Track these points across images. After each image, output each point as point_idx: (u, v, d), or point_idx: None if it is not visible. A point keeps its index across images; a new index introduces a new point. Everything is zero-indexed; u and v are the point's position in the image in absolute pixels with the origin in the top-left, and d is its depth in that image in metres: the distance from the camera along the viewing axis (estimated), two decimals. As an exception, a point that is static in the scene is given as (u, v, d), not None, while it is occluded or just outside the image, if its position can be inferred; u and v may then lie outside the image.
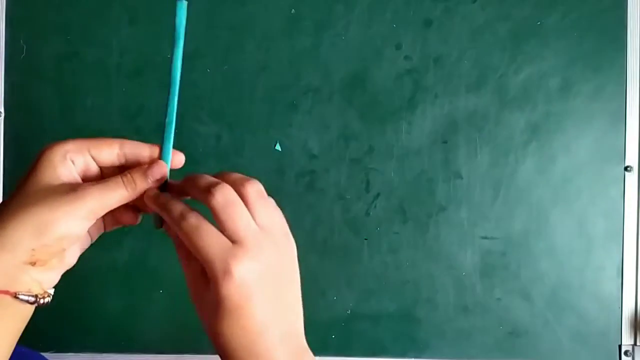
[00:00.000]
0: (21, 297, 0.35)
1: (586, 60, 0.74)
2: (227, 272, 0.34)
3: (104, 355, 0.75)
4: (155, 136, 0.75)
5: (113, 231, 0.78)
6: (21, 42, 0.75)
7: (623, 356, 0.74)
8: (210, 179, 0.38)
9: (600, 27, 0.74)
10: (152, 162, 0.39)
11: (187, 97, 0.75)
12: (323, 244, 0.74)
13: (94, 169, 0.39)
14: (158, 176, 0.39)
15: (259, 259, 0.35)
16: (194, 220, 0.36)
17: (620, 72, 0.74)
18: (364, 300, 0.75)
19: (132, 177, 0.38)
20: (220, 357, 0.37)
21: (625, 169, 0.74)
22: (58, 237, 0.35)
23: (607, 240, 0.74)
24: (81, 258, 0.38)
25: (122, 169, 0.39)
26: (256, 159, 0.74)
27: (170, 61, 0.40)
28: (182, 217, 0.36)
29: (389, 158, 0.75)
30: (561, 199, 0.74)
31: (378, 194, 0.75)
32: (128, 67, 0.75)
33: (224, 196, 0.36)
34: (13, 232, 0.34)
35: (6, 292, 0.34)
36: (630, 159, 0.74)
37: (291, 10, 0.75)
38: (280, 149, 0.75)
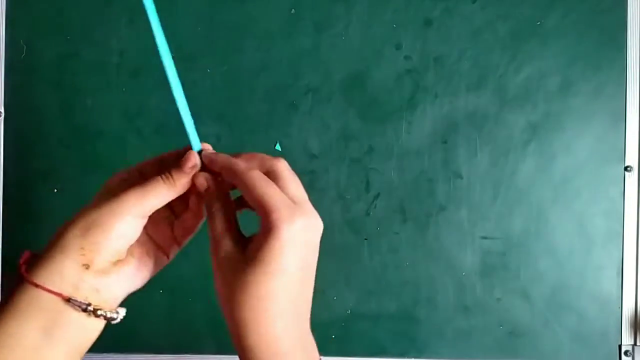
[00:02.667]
0: (73, 301, 0.34)
1: (586, 60, 0.74)
2: (291, 220, 0.34)
3: (104, 355, 0.75)
4: (155, 136, 0.76)
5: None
6: (21, 42, 0.75)
7: (623, 356, 0.74)
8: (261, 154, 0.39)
9: (600, 27, 0.74)
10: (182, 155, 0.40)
11: (187, 97, 0.75)
12: (323, 243, 0.74)
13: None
14: (190, 163, 0.39)
15: (318, 226, 0.37)
16: (259, 173, 0.36)
17: (620, 72, 0.74)
18: (363, 300, 0.75)
19: (167, 172, 0.38)
20: (231, 328, 0.37)
21: (625, 169, 0.74)
22: (104, 233, 0.35)
23: (607, 240, 0.74)
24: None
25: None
26: (256, 159, 0.74)
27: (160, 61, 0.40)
28: (249, 169, 0.37)
29: (388, 158, 0.75)
30: (561, 199, 0.74)
31: (378, 194, 0.75)
32: (128, 67, 0.75)
33: (287, 164, 0.38)
34: (65, 233, 0.35)
35: (59, 295, 0.34)
36: (630, 159, 0.74)
37: (291, 10, 0.75)
38: (280, 149, 0.75)
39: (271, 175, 0.37)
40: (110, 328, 0.80)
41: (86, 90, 0.75)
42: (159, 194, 0.37)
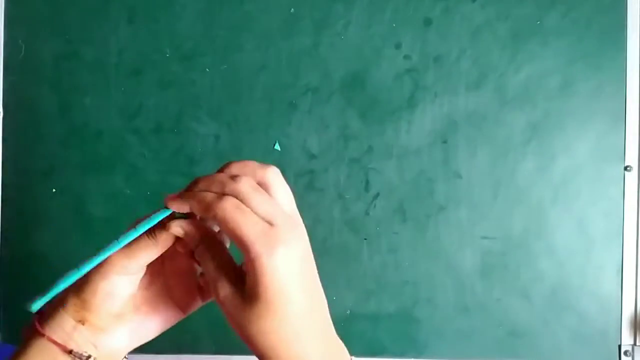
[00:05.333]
0: (75, 353, 0.36)
1: (586, 59, 0.74)
2: (271, 253, 0.33)
3: (103, 355, 0.74)
4: (153, 135, 0.75)
5: (112, 231, 0.78)
6: (20, 41, 0.75)
7: (623, 356, 0.74)
8: (224, 175, 0.36)
9: (600, 27, 0.74)
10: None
11: (186, 96, 0.75)
12: (322, 243, 0.74)
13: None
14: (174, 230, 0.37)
15: (297, 243, 0.35)
16: (232, 201, 0.34)
17: (620, 72, 0.74)
18: (363, 301, 0.75)
19: (153, 231, 0.37)
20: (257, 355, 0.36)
21: (625, 168, 0.74)
22: (92, 292, 0.36)
23: (607, 240, 0.74)
24: (80, 258, 0.38)
25: None
26: (255, 158, 0.74)
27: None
28: (218, 199, 0.34)
29: (388, 158, 0.75)
30: (561, 198, 0.74)
31: (377, 194, 0.75)
32: (127, 67, 0.75)
33: (250, 182, 0.35)
34: (64, 292, 0.37)
35: (63, 347, 0.36)
36: (630, 159, 0.74)
37: (290, 9, 0.75)
38: (279, 149, 0.74)
39: (262, 186, 0.36)
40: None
41: (85, 90, 0.75)
42: (142, 251, 0.36)
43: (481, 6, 0.74)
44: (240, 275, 0.35)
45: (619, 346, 0.74)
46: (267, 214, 0.34)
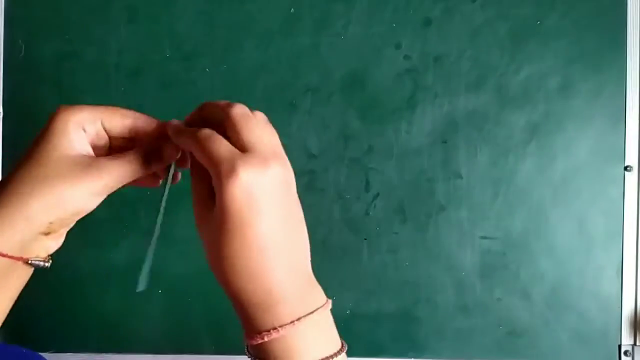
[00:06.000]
0: (33, 262, 0.37)
1: (586, 60, 0.74)
2: (233, 172, 0.33)
3: (103, 355, 0.74)
4: (154, 136, 0.75)
5: (112, 232, 0.78)
6: (20, 41, 0.75)
7: (623, 356, 0.74)
8: (224, 102, 0.39)
9: (600, 27, 0.74)
10: (164, 144, 0.39)
11: (186, 96, 0.75)
12: (322, 243, 0.74)
13: (103, 138, 0.39)
14: (172, 159, 0.39)
15: (268, 171, 0.34)
16: (208, 131, 0.36)
17: (620, 72, 0.74)
18: (363, 301, 0.75)
19: (148, 157, 0.38)
20: (225, 290, 0.36)
21: (625, 169, 0.74)
22: (75, 211, 0.36)
23: (607, 240, 0.74)
24: (81, 259, 0.38)
25: (130, 141, 0.40)
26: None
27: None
28: (197, 130, 0.36)
29: (388, 158, 0.75)
30: (561, 198, 0.74)
31: (377, 194, 0.75)
32: (127, 67, 0.75)
33: (243, 109, 0.37)
34: (33, 203, 0.35)
35: (20, 259, 0.36)
36: (630, 159, 0.74)
37: (290, 9, 0.75)
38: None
39: (226, 123, 0.37)
40: (109, 328, 0.79)
41: (85, 89, 0.75)
42: (133, 175, 0.38)
43: (481, 6, 0.74)
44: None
45: (619, 346, 0.74)
46: (247, 139, 0.35)
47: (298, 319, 0.35)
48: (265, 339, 0.35)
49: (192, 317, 0.75)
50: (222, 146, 0.35)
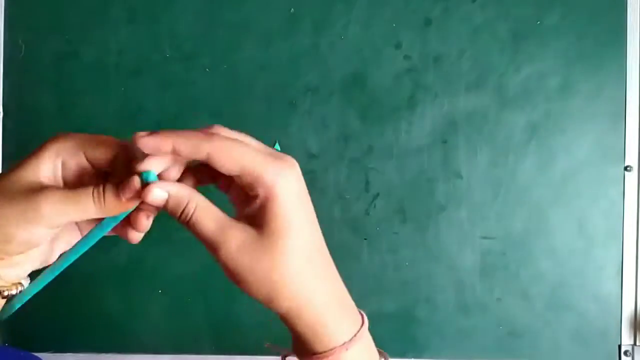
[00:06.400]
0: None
1: (586, 60, 0.74)
2: (280, 166, 0.32)
3: (103, 355, 0.74)
4: (154, 136, 0.75)
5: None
6: (20, 41, 0.75)
7: (623, 356, 0.74)
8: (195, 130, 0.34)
9: (600, 27, 0.74)
10: (128, 179, 0.33)
11: (186, 96, 0.75)
12: (322, 244, 0.74)
13: (86, 170, 0.35)
14: (129, 194, 0.33)
15: (298, 170, 0.33)
16: (223, 134, 0.33)
17: (620, 72, 0.74)
18: (363, 301, 0.74)
19: (103, 190, 0.33)
20: (277, 312, 0.34)
21: (625, 169, 0.74)
22: (18, 243, 0.33)
23: (607, 240, 0.74)
24: (80, 259, 0.38)
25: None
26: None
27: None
28: (207, 136, 0.32)
29: (388, 158, 0.75)
30: (561, 198, 0.74)
31: (377, 194, 0.75)
32: (127, 67, 0.75)
33: (226, 130, 0.34)
34: None
35: None
36: (630, 159, 0.74)
37: (290, 9, 0.75)
38: (279, 149, 0.74)
39: (210, 150, 0.33)
40: (109, 328, 0.79)
41: (85, 90, 0.75)
42: (82, 212, 0.33)
43: (481, 6, 0.74)
44: (244, 219, 0.33)
45: (619, 346, 0.74)
46: (260, 146, 0.33)
47: (350, 340, 0.36)
48: (329, 357, 0.35)
49: (192, 317, 0.75)
50: (254, 148, 0.32)
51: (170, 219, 0.34)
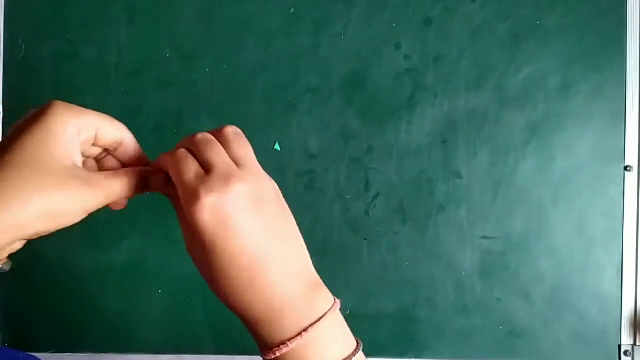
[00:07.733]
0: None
1: (586, 60, 0.74)
2: (196, 197, 0.34)
3: (103, 355, 0.74)
4: (154, 135, 0.75)
5: (112, 232, 0.78)
6: (20, 41, 0.75)
7: (623, 356, 0.74)
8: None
9: (600, 27, 0.74)
10: (152, 171, 0.40)
11: (186, 96, 0.75)
12: (322, 243, 0.74)
13: (92, 148, 0.39)
14: (159, 185, 0.40)
15: (230, 186, 0.34)
16: (182, 152, 0.37)
17: (620, 72, 0.74)
18: (363, 301, 0.75)
19: (139, 180, 0.39)
20: (232, 311, 0.36)
21: (625, 168, 0.74)
22: (63, 225, 0.35)
23: (607, 240, 0.74)
24: (80, 259, 0.38)
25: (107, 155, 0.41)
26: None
27: None
28: (174, 150, 0.38)
29: (388, 158, 0.75)
30: (561, 198, 0.74)
31: (377, 194, 0.75)
32: (127, 67, 0.75)
33: (203, 135, 0.37)
34: (27, 214, 0.32)
35: None
36: (630, 159, 0.74)
37: (290, 9, 0.75)
38: (279, 149, 0.74)
39: (219, 139, 0.38)
40: (108, 328, 0.79)
41: (85, 89, 0.75)
42: (118, 196, 0.38)
43: (481, 6, 0.74)
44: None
45: (619, 346, 0.74)
46: (207, 161, 0.35)
47: (305, 330, 0.35)
48: (277, 354, 0.35)
49: (192, 317, 0.75)
50: (188, 167, 0.35)
51: (170, 219, 0.35)
